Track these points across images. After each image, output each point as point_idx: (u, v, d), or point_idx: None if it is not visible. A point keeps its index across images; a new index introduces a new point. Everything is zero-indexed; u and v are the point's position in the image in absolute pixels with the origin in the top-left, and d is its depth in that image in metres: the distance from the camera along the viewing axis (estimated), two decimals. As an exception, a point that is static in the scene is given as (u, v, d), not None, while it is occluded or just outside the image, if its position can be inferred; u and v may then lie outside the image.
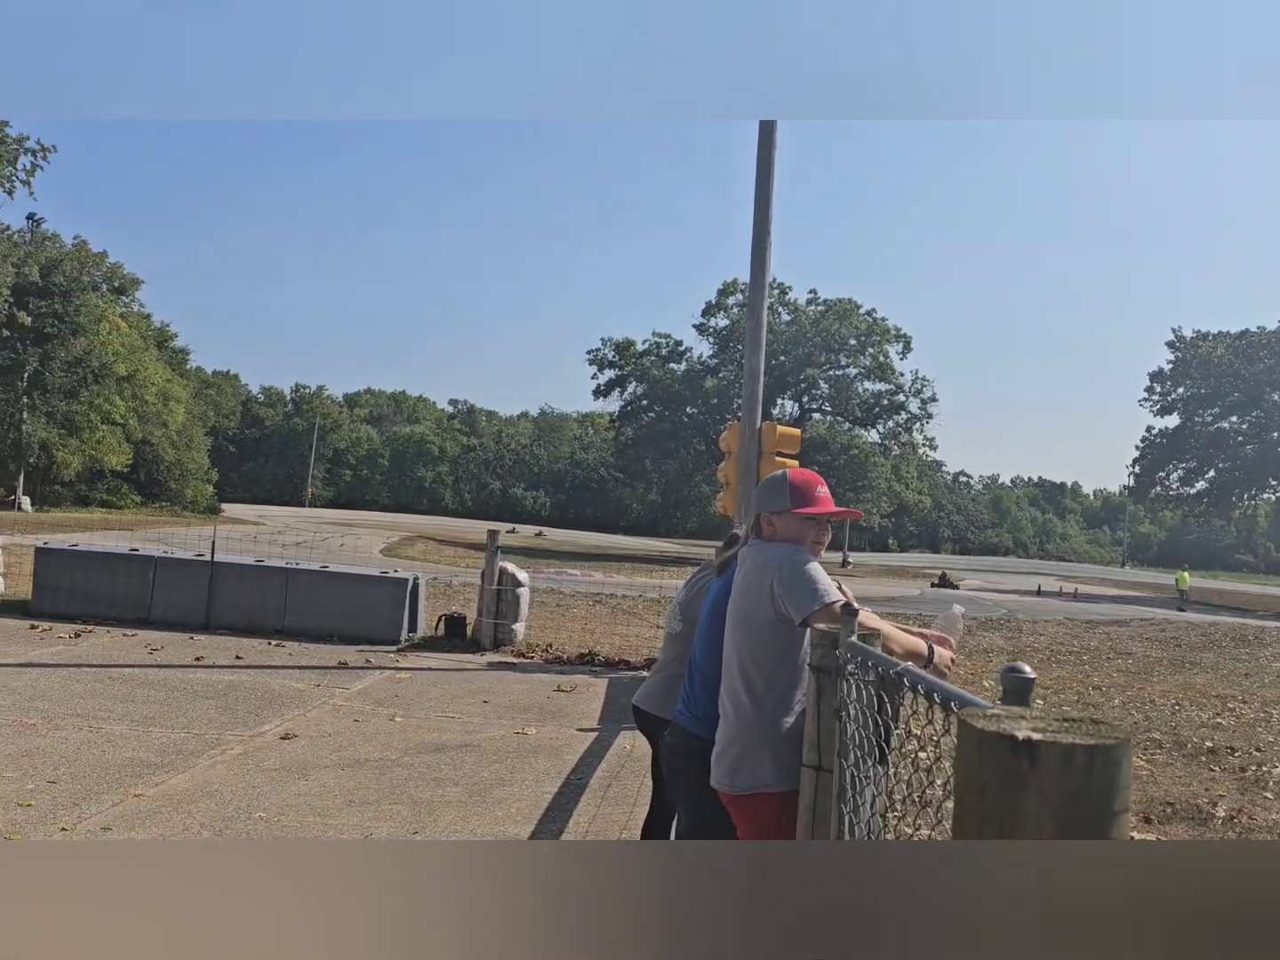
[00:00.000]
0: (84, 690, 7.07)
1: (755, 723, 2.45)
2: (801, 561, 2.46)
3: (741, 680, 2.50)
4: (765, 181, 10.37)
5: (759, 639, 2.47)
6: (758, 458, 10.30)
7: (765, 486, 2.74)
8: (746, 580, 2.56)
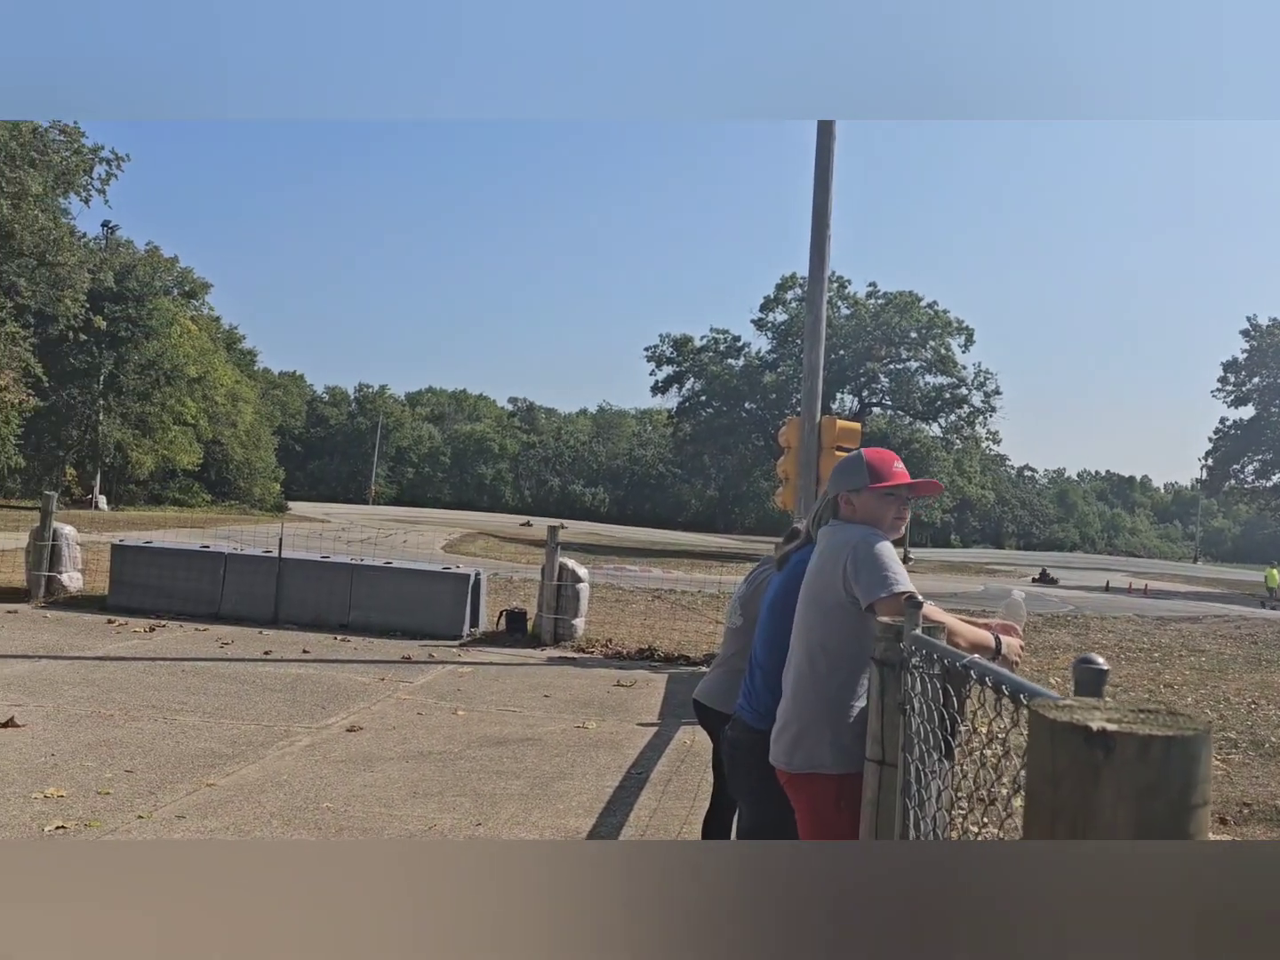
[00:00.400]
0: (158, 683, 7.27)
1: (816, 704, 2.43)
2: (876, 544, 2.44)
3: (806, 660, 2.48)
4: (824, 175, 10.27)
5: (828, 620, 2.45)
6: (817, 452, 10.22)
7: (842, 466, 2.72)
8: (820, 561, 2.54)
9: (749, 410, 57.10)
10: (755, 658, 2.98)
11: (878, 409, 57.41)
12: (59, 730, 5.79)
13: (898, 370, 55.05)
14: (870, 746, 2.03)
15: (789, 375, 54.99)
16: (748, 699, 2.93)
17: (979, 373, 54.25)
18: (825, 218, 10.33)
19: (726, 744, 2.98)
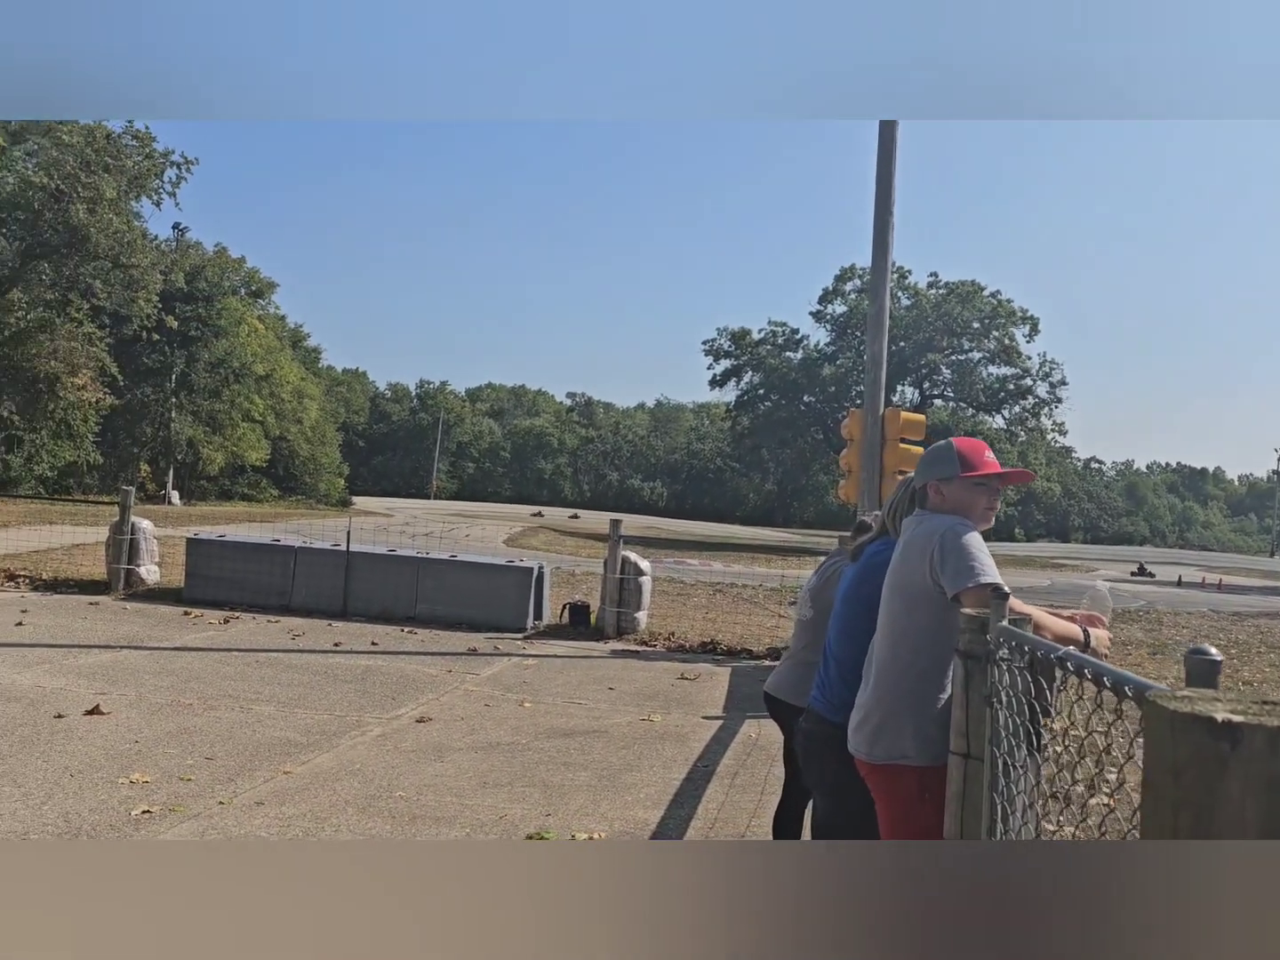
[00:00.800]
0: (234, 673, 7.45)
1: (899, 693, 2.41)
2: (964, 534, 2.40)
3: (890, 650, 2.47)
4: (886, 171, 10.16)
5: (913, 609, 2.43)
6: (881, 445, 10.10)
7: (931, 455, 2.68)
8: (906, 549, 2.52)
9: (808, 403, 56.65)
10: (829, 649, 2.96)
11: (939, 401, 56.56)
12: (141, 718, 5.98)
13: (960, 361, 54.17)
14: (954, 739, 2.01)
15: (848, 368, 54.44)
16: (822, 691, 2.92)
17: (1044, 363, 53.17)
18: (888, 211, 10.22)
19: (801, 736, 2.97)
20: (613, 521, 10.98)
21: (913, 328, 50.87)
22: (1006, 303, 52.90)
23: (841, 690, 2.80)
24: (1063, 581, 30.78)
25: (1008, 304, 52.89)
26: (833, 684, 2.85)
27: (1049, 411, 53.63)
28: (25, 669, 7.06)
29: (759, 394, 57.73)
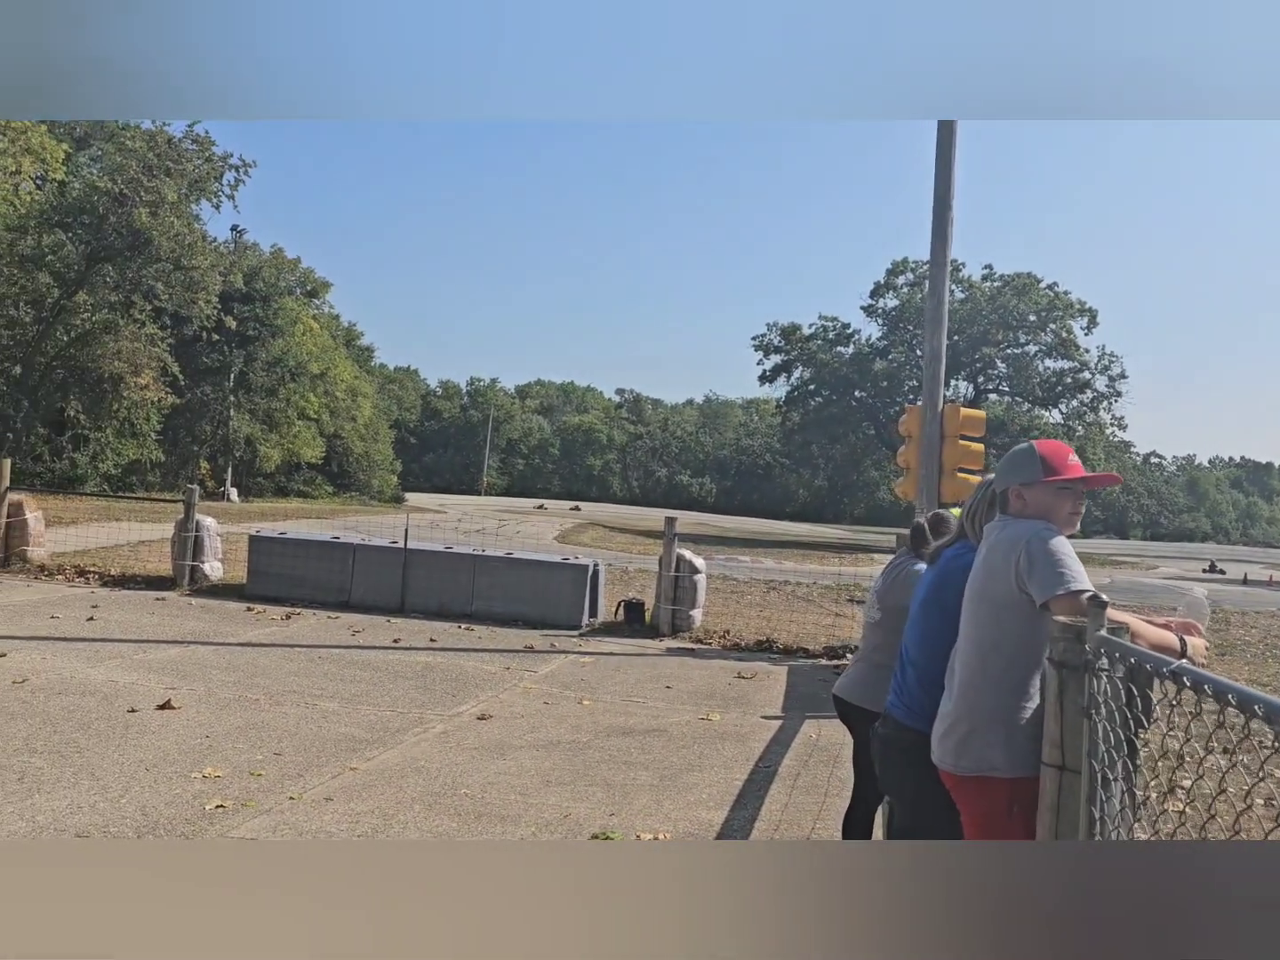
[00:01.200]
0: (297, 669, 7.57)
1: (987, 704, 2.36)
2: (1051, 540, 2.35)
3: (977, 659, 2.41)
4: (945, 169, 10.00)
5: (1000, 618, 2.38)
6: (940, 441, 9.95)
7: (1013, 459, 2.61)
8: (990, 556, 2.46)
9: (859, 399, 56.13)
10: (906, 654, 2.92)
11: (994, 395, 55.70)
12: (211, 713, 6.09)
13: (1015, 355, 53.28)
14: (1048, 750, 1.97)
15: (900, 362, 53.84)
16: (899, 696, 2.88)
17: (1103, 356, 52.11)
18: (947, 206, 10.06)
19: (877, 741, 2.93)
20: (667, 519, 10.97)
21: (967, 321, 50.13)
22: (1064, 295, 51.93)
23: (920, 696, 2.76)
24: (1122, 579, 30.13)
25: (1065, 296, 51.92)
26: (911, 690, 2.81)
27: (1108, 405, 52.61)
28: (99, 663, 7.24)
29: (809, 389, 57.33)
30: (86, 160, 34.66)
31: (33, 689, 6.34)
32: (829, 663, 9.67)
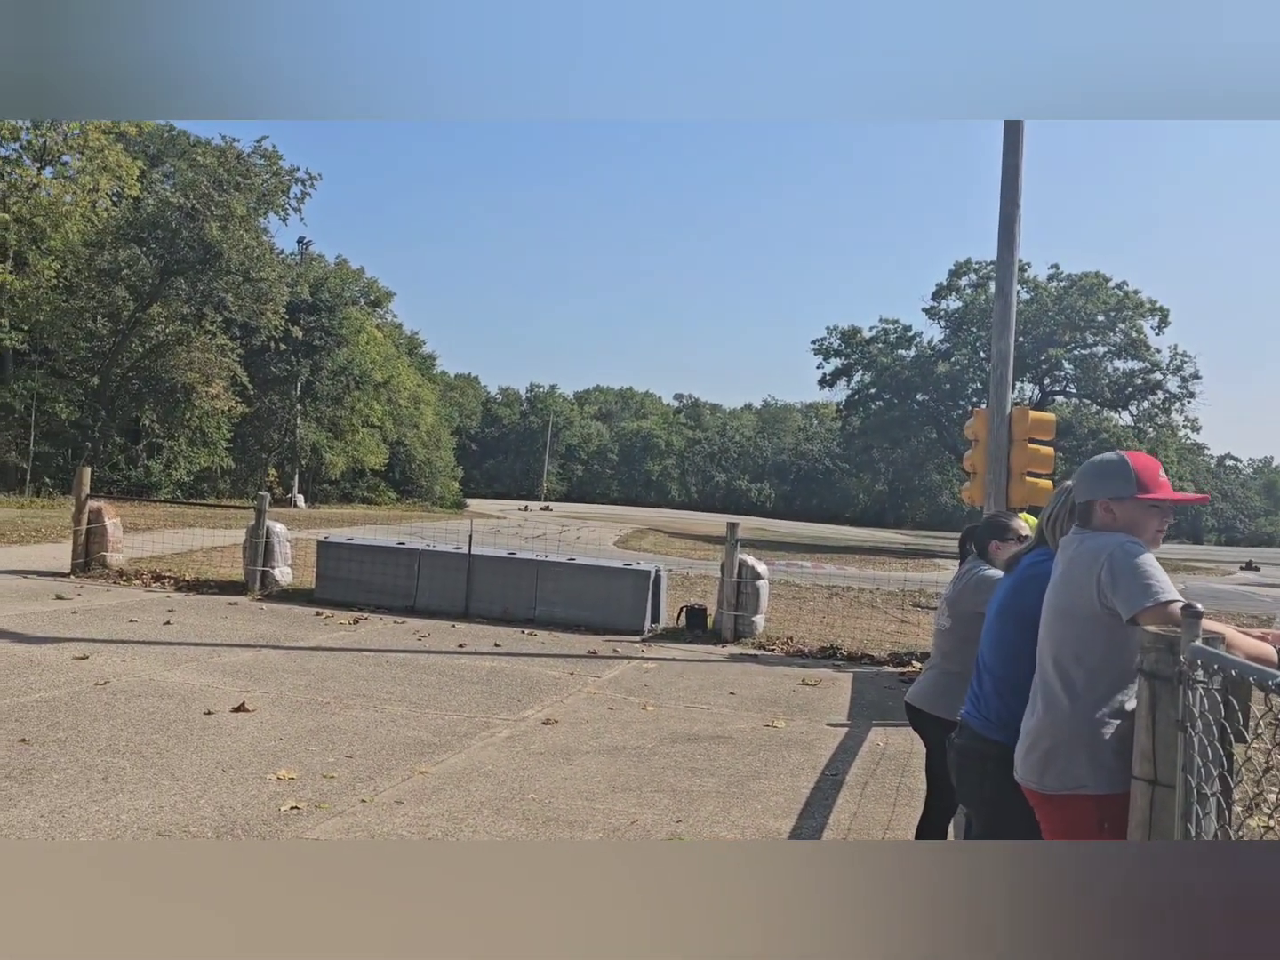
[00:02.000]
0: (366, 673, 7.69)
1: (1071, 720, 2.31)
2: (1135, 553, 2.29)
3: (1057, 674, 2.36)
4: (1013, 162, 9.83)
5: (1082, 633, 2.32)
6: (1008, 445, 9.78)
7: (1104, 470, 2.52)
8: (1070, 569, 2.41)
9: (921, 402, 55.42)
10: (983, 662, 2.87)
11: (1061, 397, 54.58)
12: (283, 716, 6.22)
13: (1083, 356, 52.14)
14: (1139, 764, 1.91)
15: (964, 364, 53.05)
16: (976, 705, 2.83)
17: (1175, 356, 50.76)
18: (1014, 206, 9.89)
19: (954, 752, 2.88)
20: (730, 525, 10.93)
21: (1032, 322, 49.21)
22: (1134, 294, 50.70)
23: (998, 706, 2.71)
24: (1197, 585, 29.27)
25: (1135, 295, 50.69)
26: (988, 699, 2.76)
27: (1180, 407, 51.25)
28: (176, 666, 7.43)
29: (870, 393, 56.76)
30: (160, 176, 35.72)
31: (114, 691, 6.53)
32: (895, 670, 9.54)
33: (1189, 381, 50.56)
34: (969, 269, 53.83)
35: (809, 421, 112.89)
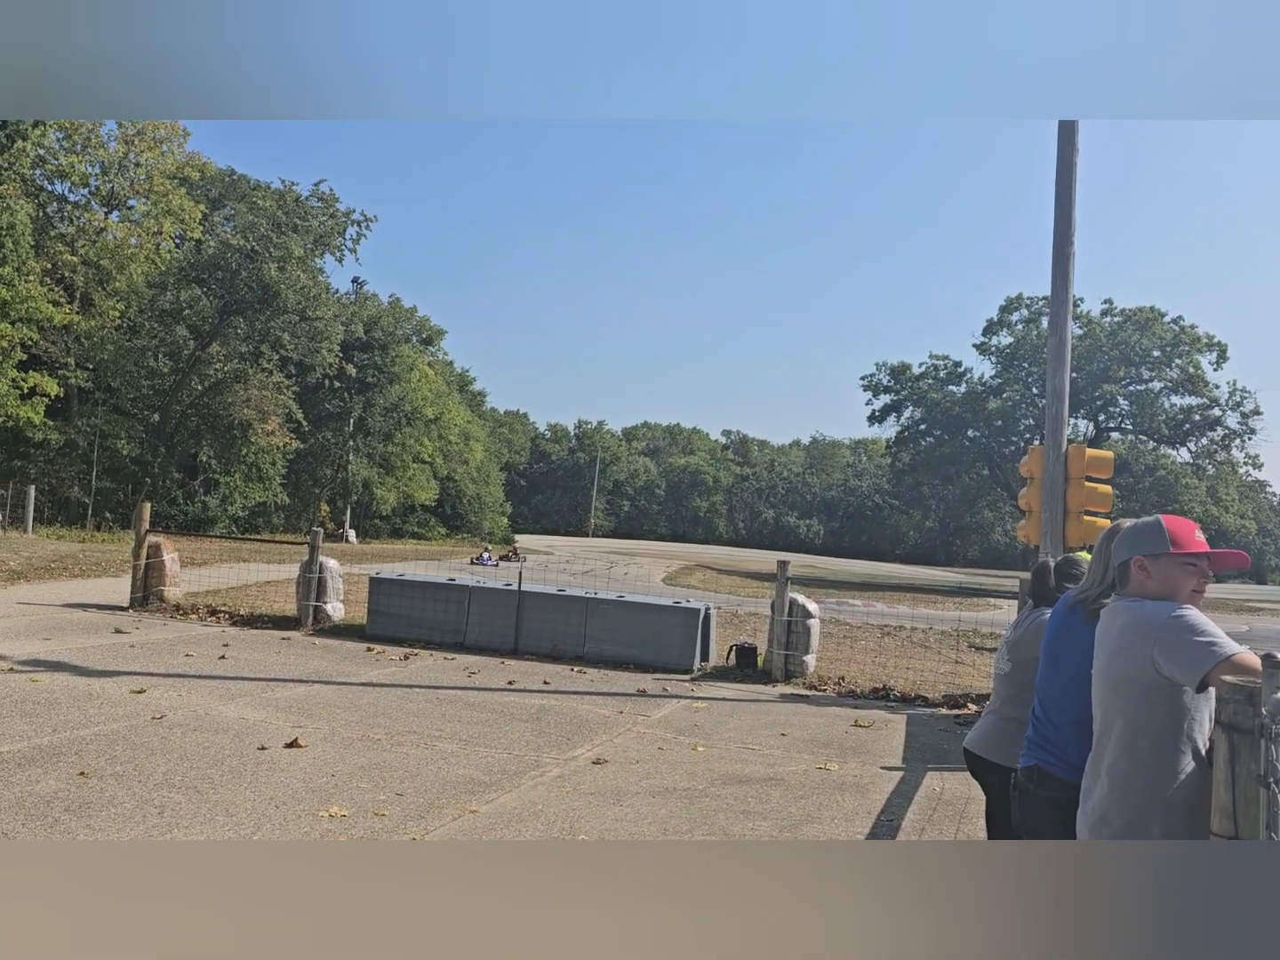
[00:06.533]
0: (416, 709, 7.71)
1: (1141, 794, 2.26)
2: (1184, 620, 2.27)
3: (1121, 748, 2.32)
4: (1066, 190, 9.76)
5: (1141, 704, 2.28)
6: (1064, 483, 9.63)
7: (1139, 530, 2.56)
8: (1122, 641, 2.37)
9: (972, 438, 54.81)
10: (1039, 702, 2.80)
11: (1116, 434, 53.64)
12: (335, 752, 6.25)
13: (1139, 392, 51.27)
14: (1218, 820, 1.85)
15: (1016, 400, 52.44)
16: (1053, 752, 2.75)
17: (1234, 391, 49.67)
18: (1068, 234, 9.80)
19: (1042, 804, 2.79)
20: (780, 563, 10.84)
21: (1086, 358, 48.52)
22: (1190, 329, 49.84)
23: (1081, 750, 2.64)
24: (1261, 627, 28.38)
25: (1191, 330, 49.83)
26: (1068, 743, 2.70)
27: (1240, 443, 50.03)
28: (230, 700, 7.52)
29: (920, 429, 56.27)
30: (221, 219, 36.79)
31: (170, 725, 6.62)
32: (949, 711, 9.35)
33: (1249, 418, 49.42)
34: (1020, 304, 53.35)
35: (858, 458, 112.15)
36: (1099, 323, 51.46)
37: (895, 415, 57.17)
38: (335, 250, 35.03)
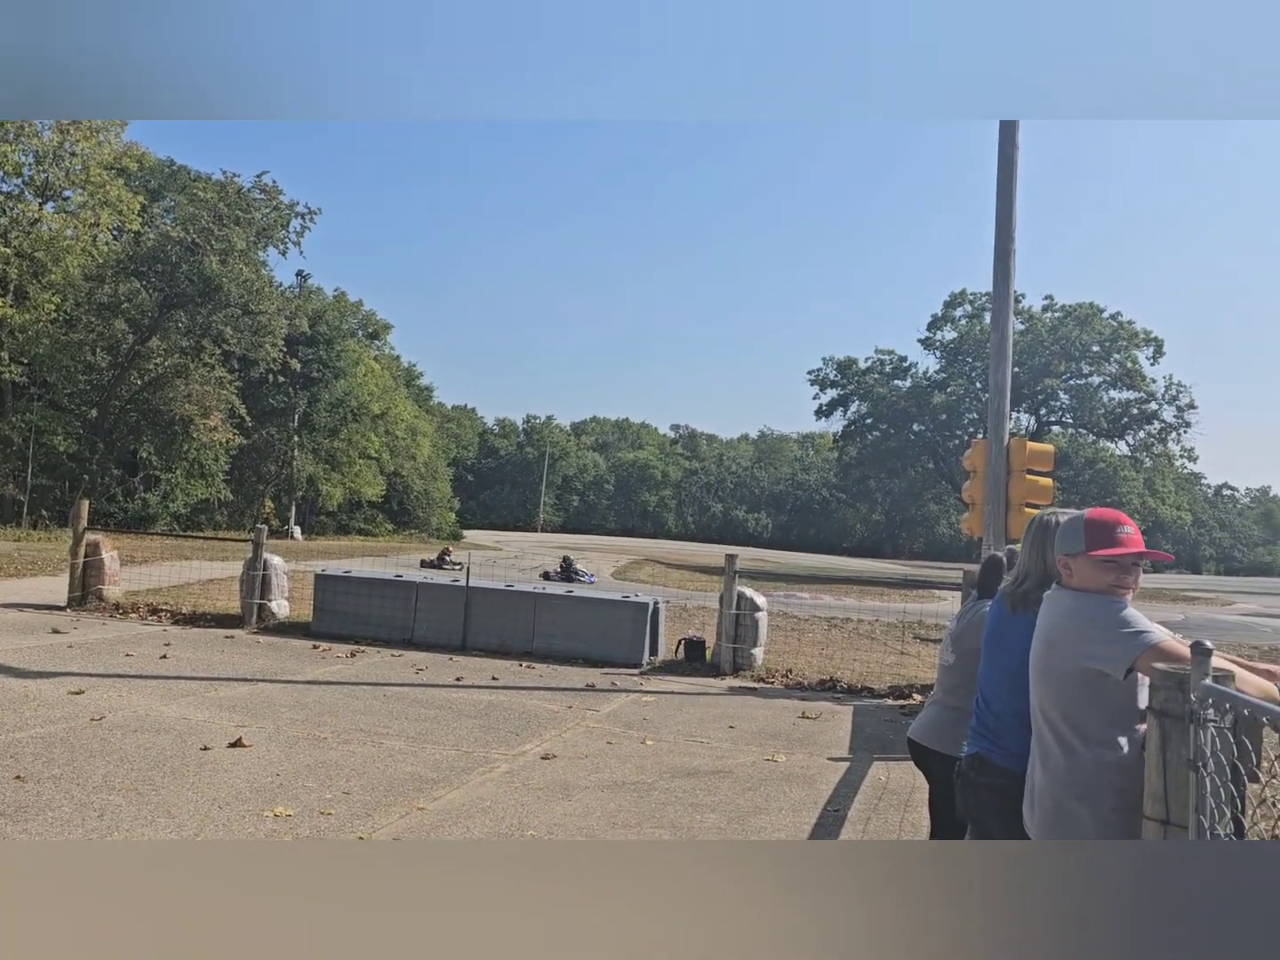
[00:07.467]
0: (363, 707, 7.63)
1: (1069, 777, 2.31)
2: (1112, 612, 2.32)
3: (1051, 732, 2.37)
4: (1007, 187, 9.93)
5: (1072, 693, 2.34)
6: (1006, 476, 9.81)
7: (1064, 528, 2.57)
8: (1056, 632, 2.42)
9: (917, 432, 55.59)
10: (993, 694, 2.85)
11: (1057, 427, 54.77)
12: (280, 751, 6.16)
13: (1079, 386, 52.41)
14: (1150, 804, 1.90)
15: (960, 395, 53.28)
16: (994, 739, 2.81)
17: (1170, 386, 51.02)
18: (1009, 230, 9.97)
19: (984, 791, 2.84)
20: (728, 557, 10.90)
21: (1028, 353, 49.49)
22: (1128, 324, 51.07)
23: (1021, 738, 2.69)
24: (1197, 616, 29.21)
25: (1129, 325, 51.06)
26: (1008, 731, 2.75)
27: (1177, 436, 51.43)
28: (172, 700, 7.38)
29: (866, 423, 56.95)
30: (160, 211, 35.97)
31: (110, 726, 6.47)
32: (895, 702, 9.49)
33: (1185, 411, 50.82)
34: (964, 300, 54.22)
35: (806, 452, 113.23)
36: (1040, 318, 52.49)
37: (842, 409, 57.80)
38: (279, 243, 34.42)
